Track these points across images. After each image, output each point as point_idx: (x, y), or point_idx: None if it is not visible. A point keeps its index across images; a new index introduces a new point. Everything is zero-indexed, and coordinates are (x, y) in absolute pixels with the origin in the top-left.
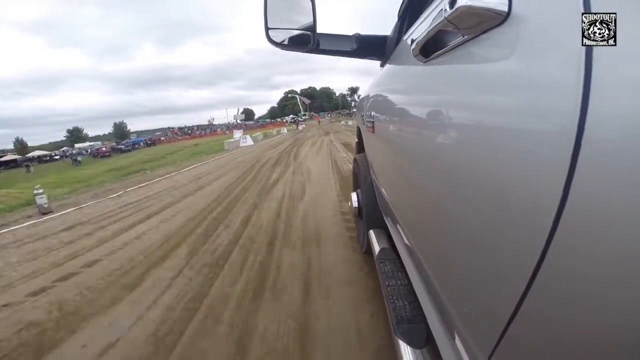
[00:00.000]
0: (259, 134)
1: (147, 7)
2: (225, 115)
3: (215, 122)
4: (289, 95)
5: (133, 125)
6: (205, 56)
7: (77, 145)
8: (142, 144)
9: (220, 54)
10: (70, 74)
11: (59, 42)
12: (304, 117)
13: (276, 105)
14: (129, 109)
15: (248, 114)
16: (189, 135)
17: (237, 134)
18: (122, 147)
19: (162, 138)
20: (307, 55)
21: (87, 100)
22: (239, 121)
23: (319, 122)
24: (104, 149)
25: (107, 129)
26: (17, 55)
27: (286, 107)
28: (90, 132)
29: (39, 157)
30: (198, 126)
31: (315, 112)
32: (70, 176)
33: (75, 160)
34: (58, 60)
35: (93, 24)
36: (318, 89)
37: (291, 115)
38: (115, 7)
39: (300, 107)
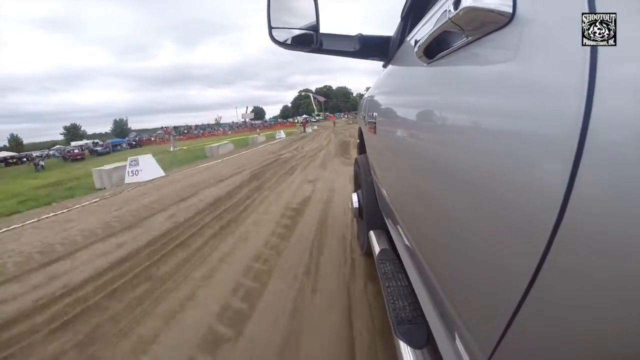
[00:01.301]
0: (226, 141)
1: (168, 6)
2: (235, 114)
3: (224, 121)
4: (303, 93)
5: (152, 123)
6: (223, 55)
7: (72, 143)
8: (124, 145)
9: (238, 53)
10: (94, 71)
11: (83, 40)
12: (317, 118)
13: (289, 105)
14: (150, 106)
15: (258, 112)
16: (184, 135)
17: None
18: (99, 149)
19: (152, 138)
20: (322, 55)
21: (110, 96)
22: (248, 120)
23: (334, 123)
24: (76, 151)
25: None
26: (44, 52)
27: (300, 106)
28: (107, 129)
29: (4, 159)
30: (197, 126)
31: (330, 113)
32: (4, 190)
33: (38, 165)
34: (83, 58)
35: (116, 23)
36: (334, 88)
37: (304, 115)
38: (137, 6)
39: (314, 107)
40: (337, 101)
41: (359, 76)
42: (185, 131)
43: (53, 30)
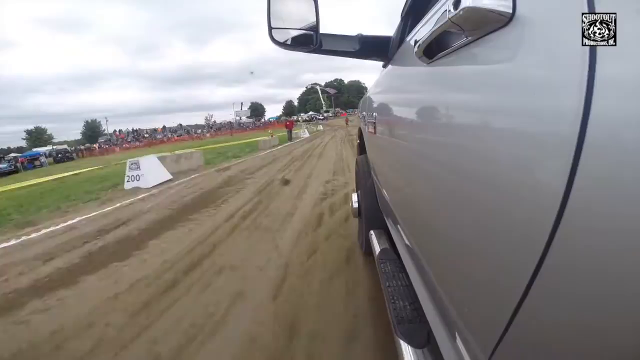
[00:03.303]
0: None
1: (179, 5)
2: (233, 112)
3: (221, 120)
4: (310, 87)
5: (163, 123)
6: (235, 54)
7: (35, 150)
8: (42, 158)
9: (249, 52)
10: (110, 71)
11: (97, 40)
12: (325, 115)
13: (294, 101)
14: (163, 105)
15: (256, 109)
16: (141, 141)
17: None
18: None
19: (98, 146)
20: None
21: (124, 97)
22: (244, 119)
23: (346, 120)
24: None
25: (137, 124)
26: (59, 53)
27: (308, 102)
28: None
29: None
30: (164, 128)
31: (342, 109)
32: None
33: None
34: (98, 58)
35: (130, 23)
36: (346, 82)
37: (310, 112)
38: (150, 5)
39: (322, 102)
40: (349, 96)
41: (371, 73)
42: (146, 134)
43: (67, 31)
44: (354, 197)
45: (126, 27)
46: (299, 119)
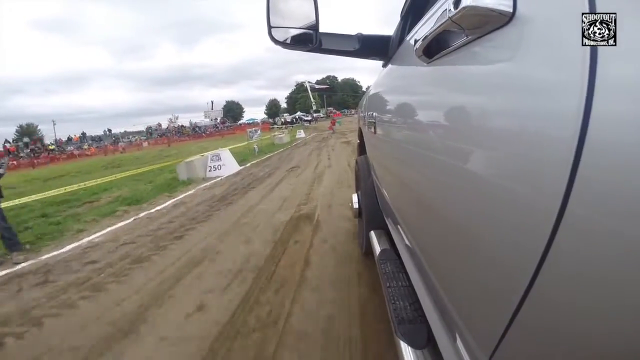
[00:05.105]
0: None
1: (169, 5)
2: (213, 113)
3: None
4: (300, 85)
5: (150, 124)
6: (224, 55)
7: None
8: None
9: (240, 53)
10: (97, 72)
11: (84, 41)
12: (315, 115)
13: (279, 100)
14: (150, 107)
15: (231, 109)
16: (37, 157)
17: None
18: None
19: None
20: (325, 54)
21: (112, 98)
22: (216, 120)
23: (333, 123)
24: None
25: (125, 127)
26: (45, 54)
27: (297, 102)
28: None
29: None
30: (84, 135)
31: (335, 109)
32: None
33: None
34: (85, 59)
35: (117, 24)
36: (340, 80)
37: (298, 113)
38: (138, 5)
39: (312, 100)
40: (342, 95)
41: (362, 74)
42: (52, 146)
43: (53, 31)
44: (354, 197)
45: (109, 26)
46: (278, 120)
